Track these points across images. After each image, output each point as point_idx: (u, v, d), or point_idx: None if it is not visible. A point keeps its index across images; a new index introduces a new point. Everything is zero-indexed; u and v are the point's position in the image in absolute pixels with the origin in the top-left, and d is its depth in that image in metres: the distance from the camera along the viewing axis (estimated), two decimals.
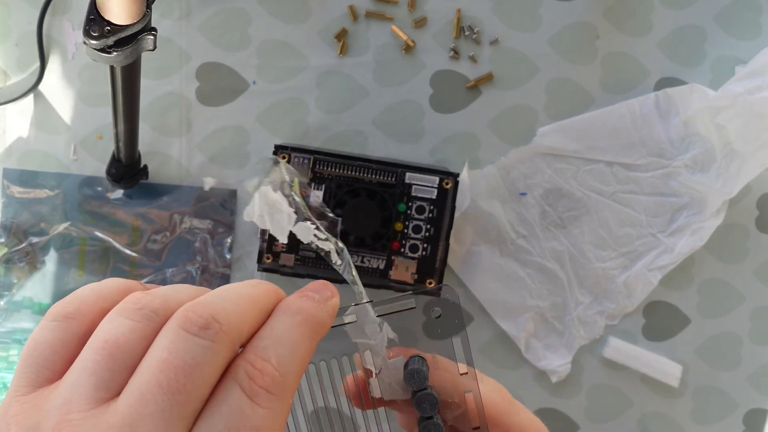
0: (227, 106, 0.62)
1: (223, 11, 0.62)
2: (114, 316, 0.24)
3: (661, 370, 0.62)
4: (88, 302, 0.26)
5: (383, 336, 0.31)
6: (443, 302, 0.31)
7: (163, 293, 0.25)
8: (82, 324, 0.25)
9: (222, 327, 0.23)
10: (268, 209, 0.30)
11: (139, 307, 0.24)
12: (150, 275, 0.62)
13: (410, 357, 0.32)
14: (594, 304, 0.62)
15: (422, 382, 0.31)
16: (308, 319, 0.26)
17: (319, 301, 0.27)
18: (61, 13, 0.62)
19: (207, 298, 0.25)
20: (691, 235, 0.61)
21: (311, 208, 0.31)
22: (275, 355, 0.24)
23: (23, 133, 0.62)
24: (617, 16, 0.62)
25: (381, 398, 0.32)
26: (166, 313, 0.24)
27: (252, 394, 0.23)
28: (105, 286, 0.27)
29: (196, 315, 0.23)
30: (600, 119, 0.62)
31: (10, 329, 0.62)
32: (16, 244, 0.61)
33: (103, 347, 0.23)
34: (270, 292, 0.27)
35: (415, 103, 0.62)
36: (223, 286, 0.26)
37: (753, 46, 0.62)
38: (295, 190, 0.31)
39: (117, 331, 0.23)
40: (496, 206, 0.62)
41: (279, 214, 0.30)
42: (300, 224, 0.30)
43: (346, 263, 0.31)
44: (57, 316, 0.25)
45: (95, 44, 0.42)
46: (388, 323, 0.31)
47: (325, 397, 0.33)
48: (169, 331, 0.23)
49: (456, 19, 0.62)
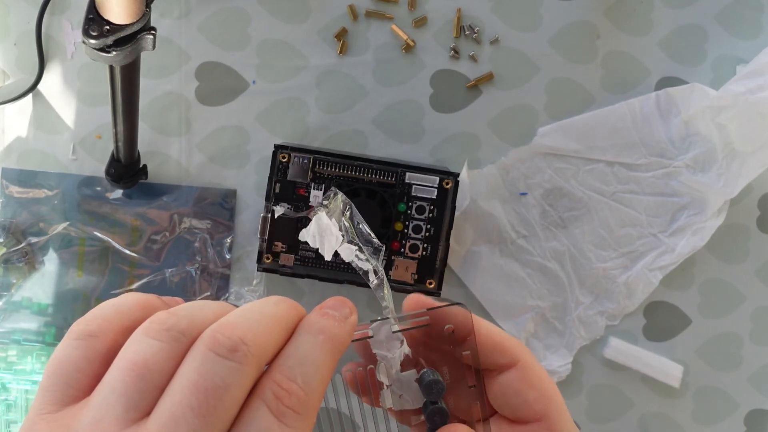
0: (227, 106, 0.62)
1: (222, 11, 0.62)
2: (141, 336, 0.24)
3: (662, 370, 0.62)
4: (110, 320, 0.26)
5: (401, 351, 0.33)
6: (455, 319, 0.33)
7: (188, 313, 0.25)
8: (105, 342, 0.25)
9: (249, 349, 0.24)
10: (320, 231, 0.34)
11: (166, 327, 0.24)
12: (149, 275, 0.62)
13: (423, 371, 0.33)
14: (594, 304, 0.62)
15: (440, 393, 0.33)
16: (331, 338, 0.26)
17: (339, 319, 0.27)
18: (60, 13, 0.62)
19: (233, 319, 0.25)
20: (692, 235, 0.61)
21: (359, 234, 0.34)
22: (300, 374, 0.25)
23: (22, 133, 0.62)
24: (618, 15, 0.62)
25: (390, 408, 0.34)
26: (193, 334, 0.24)
27: (279, 414, 0.24)
28: (125, 302, 0.27)
29: (225, 337, 0.24)
30: (600, 119, 0.61)
31: (9, 329, 0.61)
32: (14, 244, 0.61)
33: (132, 368, 0.23)
34: (292, 310, 0.27)
35: (415, 102, 0.62)
36: (246, 305, 0.26)
37: (754, 45, 0.62)
38: (346, 217, 0.34)
39: (145, 353, 0.24)
40: (496, 206, 0.62)
41: (329, 236, 0.34)
42: (345, 245, 0.34)
43: (381, 282, 0.33)
44: (80, 334, 0.25)
45: (94, 44, 0.42)
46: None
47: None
48: (198, 354, 0.24)
49: (456, 18, 0.62)
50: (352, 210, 0.34)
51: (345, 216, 0.34)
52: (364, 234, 0.34)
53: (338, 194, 0.35)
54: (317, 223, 0.34)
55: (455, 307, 0.33)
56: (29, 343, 0.62)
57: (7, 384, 0.61)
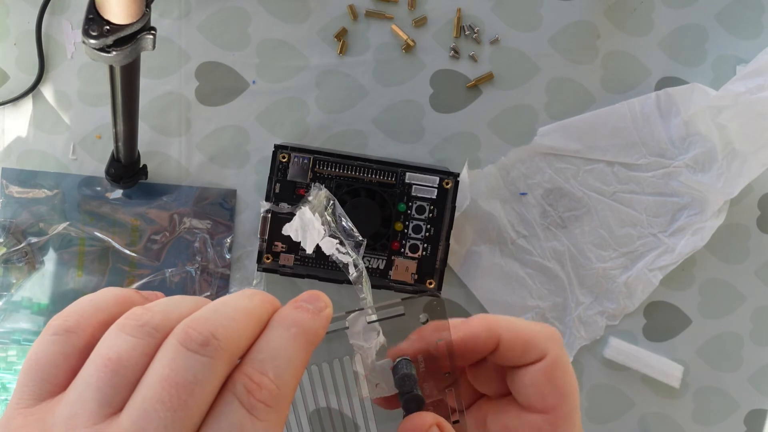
0: (227, 106, 0.62)
1: (222, 10, 0.62)
2: (116, 332, 0.25)
3: (662, 370, 0.62)
4: (87, 315, 0.26)
5: (377, 342, 0.33)
6: (430, 309, 0.34)
7: (162, 308, 0.26)
8: (82, 337, 0.25)
9: (221, 343, 0.24)
10: (302, 226, 0.35)
11: (140, 323, 0.25)
12: (149, 275, 0.62)
13: (398, 360, 0.34)
14: (594, 304, 0.62)
15: (412, 385, 0.33)
16: (303, 331, 0.26)
17: (313, 312, 0.27)
18: (60, 13, 0.62)
19: (205, 313, 0.25)
20: (692, 235, 0.61)
21: (341, 228, 0.34)
22: (272, 368, 0.25)
23: (22, 133, 0.62)
24: (618, 15, 0.62)
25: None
26: (167, 329, 0.25)
27: (251, 407, 0.24)
28: (102, 297, 0.27)
29: (196, 332, 0.24)
30: (601, 119, 0.61)
31: (9, 329, 0.61)
32: (14, 244, 0.61)
33: (106, 364, 0.24)
34: (266, 303, 0.27)
35: (415, 102, 0.62)
36: (219, 298, 0.26)
37: (754, 45, 0.62)
38: (328, 212, 0.35)
39: (119, 348, 0.24)
40: (496, 206, 0.62)
41: (312, 231, 0.34)
42: (326, 239, 0.34)
43: (360, 275, 0.34)
44: (57, 329, 0.25)
45: (94, 44, 0.42)
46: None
47: (327, 398, 0.33)
48: (170, 348, 0.24)
49: (456, 18, 0.62)
50: (335, 205, 0.35)
51: (328, 211, 0.35)
52: (346, 228, 0.34)
53: (322, 189, 0.35)
54: (300, 217, 0.35)
55: (429, 297, 0.33)
56: (29, 343, 0.62)
57: (8, 384, 0.61)
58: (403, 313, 0.33)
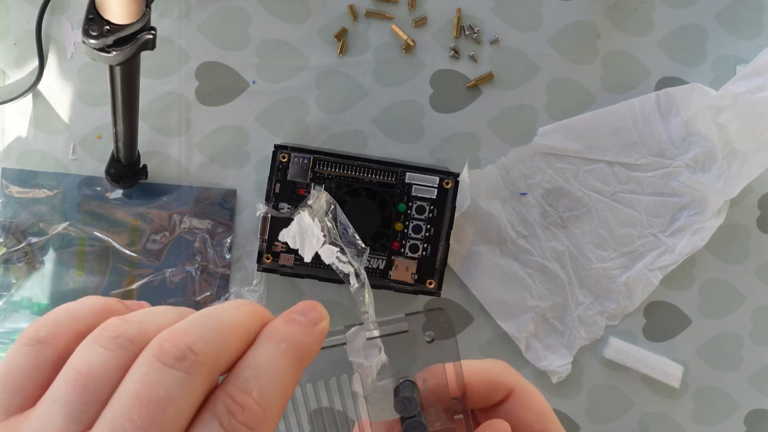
0: (227, 106, 0.62)
1: (222, 10, 0.62)
2: (89, 344, 0.23)
3: (662, 370, 0.62)
4: (62, 325, 0.24)
5: (378, 360, 0.31)
6: (436, 326, 0.31)
7: (140, 319, 0.24)
8: (55, 349, 0.24)
9: (199, 358, 0.22)
10: (300, 231, 0.33)
11: (114, 335, 0.23)
12: (149, 275, 0.62)
13: (400, 381, 0.31)
14: (594, 304, 0.62)
15: (413, 409, 0.31)
16: (294, 346, 0.24)
17: (306, 326, 0.25)
18: (60, 12, 0.62)
19: (185, 326, 0.23)
20: (692, 235, 0.61)
21: (342, 234, 0.33)
22: (257, 387, 0.23)
23: (22, 133, 0.62)
24: (618, 15, 0.62)
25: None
26: (143, 341, 0.23)
27: (231, 430, 0.22)
28: (80, 307, 0.25)
29: (172, 345, 0.22)
30: (601, 119, 0.61)
31: (9, 329, 0.61)
32: (14, 244, 0.61)
33: (76, 378, 0.22)
34: (254, 315, 0.25)
35: (415, 102, 0.62)
36: (204, 309, 0.25)
37: (754, 45, 0.62)
38: (329, 218, 0.33)
39: (91, 361, 0.22)
40: (496, 206, 0.62)
41: (310, 237, 0.32)
42: (326, 246, 0.32)
43: (362, 286, 0.32)
44: (29, 340, 0.24)
45: (94, 44, 0.42)
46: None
47: (331, 400, 0.32)
48: (143, 362, 0.22)
49: (456, 18, 0.62)
50: (336, 210, 0.33)
51: (328, 216, 0.33)
52: (348, 235, 0.33)
53: (323, 193, 0.34)
54: (298, 223, 0.33)
55: (435, 313, 0.31)
56: None
57: None
58: (406, 330, 0.30)
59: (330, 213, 0.33)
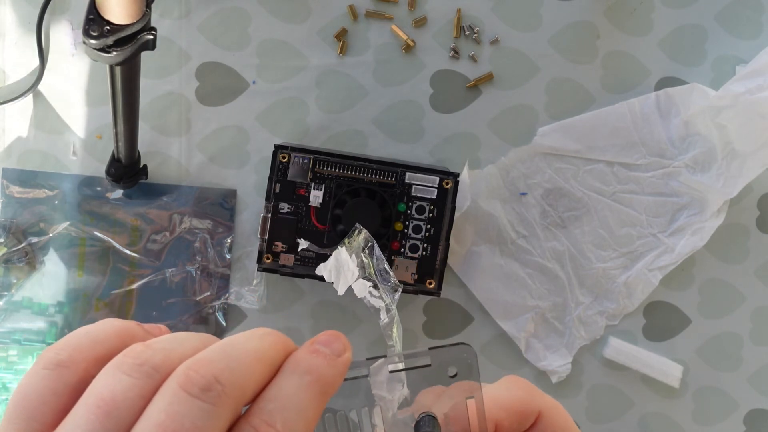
0: (227, 106, 0.62)
1: (222, 11, 0.62)
2: (112, 370, 0.23)
3: (662, 370, 0.62)
4: (82, 349, 0.24)
5: (401, 393, 0.31)
6: (460, 362, 0.30)
7: (164, 346, 0.24)
8: (75, 373, 0.23)
9: (225, 389, 0.22)
10: (337, 266, 0.35)
11: (139, 362, 0.23)
12: (149, 275, 0.62)
13: (421, 416, 0.31)
14: (594, 304, 0.62)
15: None
16: (318, 379, 0.24)
17: (330, 358, 0.25)
18: (60, 13, 0.62)
19: (210, 354, 0.23)
20: (691, 235, 0.61)
21: (377, 270, 0.34)
22: (281, 420, 0.23)
23: (22, 133, 0.62)
24: (618, 15, 0.62)
25: None
26: (168, 369, 0.23)
27: None
28: (101, 329, 0.25)
29: (198, 375, 0.22)
30: (600, 119, 0.61)
31: (10, 329, 0.61)
32: (15, 244, 0.61)
33: (98, 405, 0.22)
34: (278, 345, 0.25)
35: (415, 102, 0.62)
36: (228, 338, 0.24)
37: (754, 45, 0.62)
38: (365, 254, 0.34)
39: (114, 389, 0.22)
40: (496, 206, 0.62)
41: (346, 272, 0.34)
42: (360, 281, 0.33)
43: (391, 321, 0.32)
44: (48, 363, 0.23)
45: (95, 44, 0.42)
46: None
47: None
48: (168, 392, 0.22)
49: (456, 18, 0.62)
50: (373, 247, 0.34)
51: (365, 252, 0.34)
52: (382, 271, 0.34)
53: (362, 231, 0.35)
54: (336, 258, 0.34)
55: (459, 348, 0.30)
56: (30, 343, 0.62)
57: (8, 384, 0.61)
58: (429, 363, 0.30)
59: (367, 249, 0.34)
